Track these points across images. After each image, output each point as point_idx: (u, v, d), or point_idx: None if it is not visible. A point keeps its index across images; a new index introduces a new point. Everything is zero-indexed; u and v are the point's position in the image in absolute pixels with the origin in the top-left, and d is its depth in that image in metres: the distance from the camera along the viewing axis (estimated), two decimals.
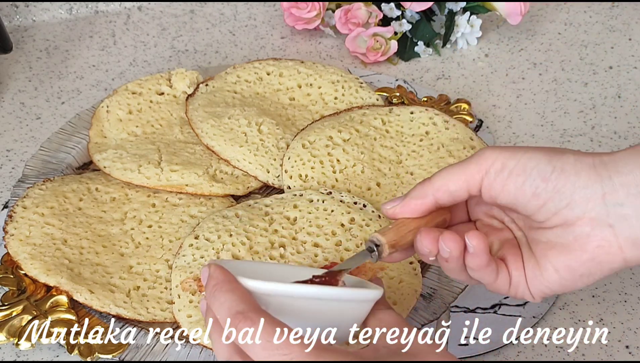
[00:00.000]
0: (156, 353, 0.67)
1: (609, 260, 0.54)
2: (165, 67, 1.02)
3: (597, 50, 1.04)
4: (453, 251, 0.56)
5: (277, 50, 1.05)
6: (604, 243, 0.53)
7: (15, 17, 1.08)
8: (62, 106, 0.95)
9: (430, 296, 0.72)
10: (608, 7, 1.11)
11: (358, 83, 0.91)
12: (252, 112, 0.85)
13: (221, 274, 0.52)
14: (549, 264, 0.55)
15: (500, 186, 0.55)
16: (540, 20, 1.09)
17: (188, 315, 0.68)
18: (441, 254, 0.57)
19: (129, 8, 1.11)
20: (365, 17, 1.01)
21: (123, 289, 0.71)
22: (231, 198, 0.81)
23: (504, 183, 0.55)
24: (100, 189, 0.80)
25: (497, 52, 1.04)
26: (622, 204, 0.53)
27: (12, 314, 0.69)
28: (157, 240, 0.76)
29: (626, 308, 0.72)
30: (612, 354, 0.68)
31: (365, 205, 0.76)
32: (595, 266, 0.54)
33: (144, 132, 0.86)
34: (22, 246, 0.73)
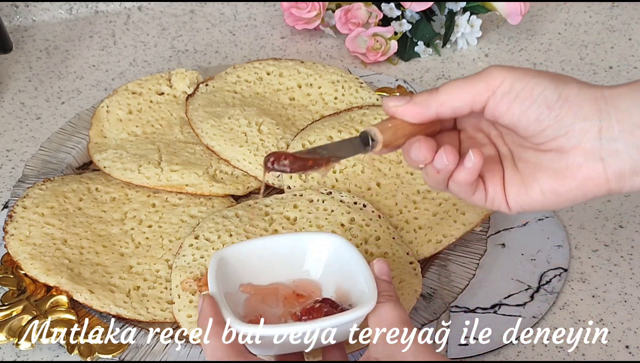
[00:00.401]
0: (156, 353, 0.67)
1: (595, 190, 0.56)
2: (165, 67, 1.02)
3: (597, 50, 1.04)
4: (450, 164, 0.57)
5: (277, 50, 1.05)
6: (594, 174, 0.55)
7: (15, 17, 1.08)
8: (62, 106, 0.95)
9: (430, 296, 0.72)
10: (608, 7, 1.11)
11: (358, 83, 0.91)
12: (252, 112, 0.85)
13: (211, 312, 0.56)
14: (536, 184, 0.57)
15: (505, 108, 0.56)
16: (540, 20, 1.09)
17: (188, 315, 0.68)
18: (435, 165, 0.58)
19: (129, 8, 1.11)
20: (365, 17, 1.01)
21: (123, 289, 0.71)
22: (231, 198, 0.81)
23: (509, 105, 0.55)
24: (100, 189, 0.80)
25: (497, 52, 1.04)
26: (615, 140, 0.54)
27: (12, 314, 0.69)
28: (157, 240, 0.76)
29: (626, 308, 0.72)
30: (612, 354, 0.68)
31: (365, 205, 0.76)
32: (581, 194, 0.56)
33: (144, 132, 0.86)
34: (22, 246, 0.73)
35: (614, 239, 0.78)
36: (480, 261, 0.74)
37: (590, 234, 0.78)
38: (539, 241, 0.77)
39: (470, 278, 0.73)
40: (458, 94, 0.57)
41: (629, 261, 0.76)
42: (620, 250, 0.77)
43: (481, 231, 0.77)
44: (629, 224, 0.79)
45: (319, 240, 0.64)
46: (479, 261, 0.74)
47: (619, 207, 0.81)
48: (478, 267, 0.74)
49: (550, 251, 0.76)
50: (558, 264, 0.75)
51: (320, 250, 0.63)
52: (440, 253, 0.75)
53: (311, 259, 0.64)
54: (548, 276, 0.73)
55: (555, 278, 0.73)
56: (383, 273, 0.60)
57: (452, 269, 0.74)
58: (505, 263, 0.75)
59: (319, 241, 0.64)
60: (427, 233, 0.75)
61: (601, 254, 0.76)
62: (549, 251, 0.76)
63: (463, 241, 0.75)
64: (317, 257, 0.63)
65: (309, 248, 0.64)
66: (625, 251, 0.77)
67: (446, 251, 0.75)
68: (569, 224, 0.79)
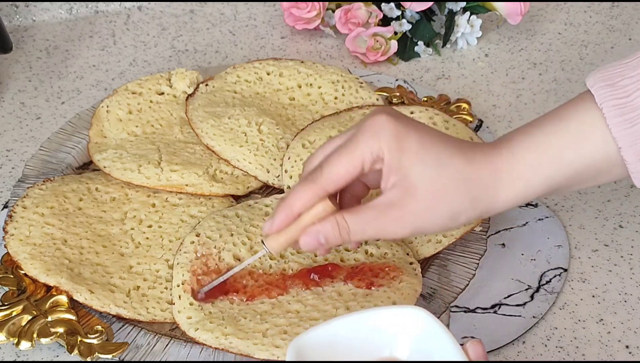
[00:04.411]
0: (156, 353, 0.67)
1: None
2: (165, 67, 1.02)
3: (597, 50, 1.04)
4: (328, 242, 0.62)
5: (277, 50, 1.05)
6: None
7: (15, 17, 1.08)
8: (62, 106, 0.95)
9: (430, 296, 0.72)
10: (608, 7, 1.11)
11: (358, 83, 0.91)
12: (252, 112, 0.85)
13: None
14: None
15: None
16: (540, 20, 1.09)
17: (188, 317, 0.68)
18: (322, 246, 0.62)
19: (129, 8, 1.11)
20: (365, 17, 1.01)
21: (123, 289, 0.71)
22: (231, 198, 0.81)
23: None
24: (100, 189, 0.80)
25: (497, 52, 1.04)
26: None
27: (12, 314, 0.69)
28: (157, 239, 0.76)
29: (626, 308, 0.72)
30: (612, 354, 0.68)
31: None
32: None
33: (144, 132, 0.86)
34: (22, 246, 0.73)
35: (614, 239, 0.78)
36: (480, 261, 0.74)
37: (590, 234, 0.78)
38: (539, 241, 0.77)
39: (470, 278, 0.73)
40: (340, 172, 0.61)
41: (629, 261, 0.76)
42: (620, 250, 0.77)
43: (481, 231, 0.77)
44: (629, 225, 0.79)
45: (406, 316, 0.56)
46: (479, 261, 0.74)
47: (619, 207, 0.81)
48: (478, 267, 0.74)
49: (550, 251, 0.76)
50: (558, 264, 0.75)
51: (407, 326, 0.56)
52: (440, 253, 0.75)
53: (397, 337, 0.56)
54: (548, 276, 0.73)
55: (555, 278, 0.73)
56: (480, 356, 0.54)
57: (452, 269, 0.74)
58: (505, 263, 0.75)
59: (406, 317, 0.56)
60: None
61: (601, 254, 0.76)
62: (549, 251, 0.76)
63: (463, 241, 0.75)
64: (404, 335, 0.56)
65: (395, 325, 0.56)
66: (625, 251, 0.77)
67: (446, 251, 0.75)
68: (569, 224, 0.79)
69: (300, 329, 0.65)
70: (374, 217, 0.60)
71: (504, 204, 0.61)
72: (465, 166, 0.60)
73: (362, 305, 0.67)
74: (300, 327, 0.65)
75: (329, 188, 0.61)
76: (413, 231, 0.61)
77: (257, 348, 0.64)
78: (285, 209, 0.62)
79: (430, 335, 0.54)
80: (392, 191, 0.60)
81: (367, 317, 0.56)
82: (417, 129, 0.60)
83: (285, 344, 0.64)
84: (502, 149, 0.61)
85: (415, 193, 0.60)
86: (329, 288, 0.69)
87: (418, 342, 0.55)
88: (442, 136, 0.61)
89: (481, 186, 0.60)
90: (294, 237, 0.62)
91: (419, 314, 0.55)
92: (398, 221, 0.60)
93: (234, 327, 0.66)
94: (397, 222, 0.60)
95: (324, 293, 0.69)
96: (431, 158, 0.60)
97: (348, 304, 0.67)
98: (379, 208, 0.60)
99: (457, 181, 0.60)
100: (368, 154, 0.60)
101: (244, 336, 0.65)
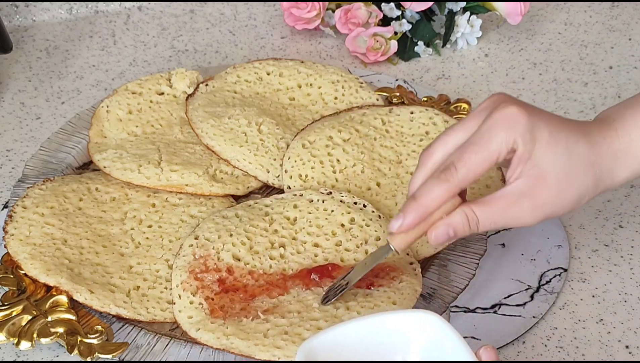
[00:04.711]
0: (156, 353, 0.67)
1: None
2: (165, 67, 1.02)
3: (597, 50, 1.04)
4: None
5: (277, 50, 1.05)
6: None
7: (15, 17, 1.08)
8: (62, 106, 0.95)
9: (430, 296, 0.72)
10: (608, 7, 1.11)
11: (358, 83, 0.91)
12: (252, 112, 0.85)
13: None
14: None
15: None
16: (540, 20, 1.09)
17: (189, 316, 0.68)
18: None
19: (129, 8, 1.11)
20: (365, 17, 1.01)
21: (123, 289, 0.71)
22: (231, 198, 0.81)
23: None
24: (100, 189, 0.80)
25: (497, 52, 1.04)
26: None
27: (12, 314, 0.69)
28: (157, 239, 0.76)
29: (626, 308, 0.72)
30: (612, 354, 0.68)
31: (365, 205, 0.76)
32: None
33: (144, 132, 0.86)
34: (22, 246, 0.73)
35: (614, 239, 0.78)
36: (480, 261, 0.74)
37: (590, 234, 0.78)
38: (539, 241, 0.77)
39: (470, 278, 0.73)
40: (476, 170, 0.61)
41: (629, 261, 0.76)
42: (620, 250, 0.77)
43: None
44: (629, 225, 0.79)
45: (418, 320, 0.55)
46: (479, 261, 0.74)
47: (619, 207, 0.81)
48: (478, 267, 0.74)
49: (550, 251, 0.76)
50: (558, 264, 0.75)
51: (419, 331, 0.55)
52: (440, 253, 0.75)
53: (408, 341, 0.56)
54: (548, 276, 0.73)
55: (555, 278, 0.73)
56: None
57: (452, 269, 0.74)
58: (505, 263, 0.75)
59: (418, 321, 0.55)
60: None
61: (601, 254, 0.76)
62: (549, 251, 0.76)
63: (463, 241, 0.75)
64: (416, 339, 0.56)
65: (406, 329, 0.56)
66: (625, 251, 0.77)
67: (446, 251, 0.75)
68: (569, 224, 0.79)
69: (301, 329, 0.65)
70: (504, 208, 0.61)
71: (620, 182, 0.64)
72: (590, 150, 0.62)
73: (362, 305, 0.67)
74: (300, 327, 0.65)
75: (463, 186, 0.61)
76: (543, 218, 0.62)
77: (258, 349, 0.64)
78: (419, 209, 0.61)
79: (443, 340, 0.54)
80: (520, 180, 0.61)
81: (378, 321, 0.55)
82: (545, 118, 0.61)
83: (286, 345, 0.64)
84: (618, 130, 0.63)
85: (546, 181, 0.61)
86: None
87: (430, 346, 0.55)
88: (565, 122, 0.62)
89: (603, 168, 0.62)
90: (422, 233, 0.62)
91: (431, 318, 0.55)
92: (530, 210, 0.61)
93: (236, 327, 0.66)
94: (529, 211, 0.61)
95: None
96: (561, 146, 0.61)
97: (348, 304, 0.67)
98: (509, 198, 0.61)
99: (584, 166, 0.61)
100: (504, 149, 0.60)
101: (245, 336, 0.65)
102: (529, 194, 0.61)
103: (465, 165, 0.60)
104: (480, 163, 0.60)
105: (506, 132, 0.60)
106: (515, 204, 0.61)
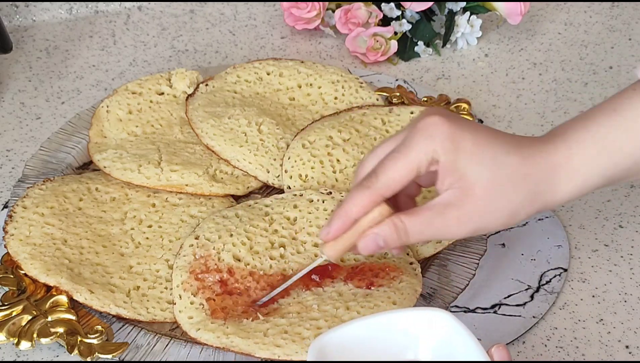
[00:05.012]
0: (156, 353, 0.67)
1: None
2: (165, 67, 1.02)
3: (597, 50, 1.04)
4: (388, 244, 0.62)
5: (277, 50, 1.05)
6: None
7: (15, 17, 1.08)
8: (62, 106, 0.95)
9: (430, 296, 0.72)
10: (608, 7, 1.11)
11: (358, 83, 0.91)
12: (252, 112, 0.85)
13: None
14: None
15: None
16: (540, 20, 1.09)
17: (189, 316, 0.68)
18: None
19: (129, 8, 1.11)
20: (365, 17, 1.01)
21: (123, 289, 0.71)
22: (231, 198, 0.81)
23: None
24: (100, 189, 0.80)
25: (497, 52, 1.04)
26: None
27: (12, 314, 0.69)
28: (157, 239, 0.76)
29: (626, 308, 0.72)
30: (612, 354, 0.68)
31: None
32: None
33: (144, 132, 0.86)
34: (22, 246, 0.73)
35: (614, 239, 0.78)
36: (480, 261, 0.74)
37: (590, 234, 0.78)
38: (539, 241, 0.77)
39: (470, 278, 0.73)
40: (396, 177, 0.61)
41: (629, 261, 0.76)
42: (620, 250, 0.77)
43: None
44: (629, 225, 0.79)
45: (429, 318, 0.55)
46: (479, 261, 0.74)
47: (619, 207, 0.81)
48: (478, 267, 0.74)
49: (550, 251, 0.76)
50: (558, 264, 0.75)
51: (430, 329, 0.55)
52: (440, 253, 0.75)
53: (420, 339, 0.56)
54: (548, 276, 0.73)
55: (555, 278, 0.73)
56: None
57: (452, 269, 0.74)
58: (505, 263, 0.75)
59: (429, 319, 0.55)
60: None
61: (601, 254, 0.76)
62: (549, 251, 0.76)
63: (463, 241, 0.75)
64: (427, 337, 0.55)
65: (418, 327, 0.55)
66: (625, 251, 0.77)
67: (446, 251, 0.75)
68: (569, 224, 0.79)
69: (300, 329, 0.65)
70: (431, 218, 0.61)
71: (562, 199, 0.62)
72: (522, 163, 0.60)
73: (362, 305, 0.67)
74: (300, 326, 0.66)
75: (385, 193, 0.61)
76: (472, 231, 0.61)
77: (258, 347, 0.65)
78: (342, 216, 0.61)
79: (454, 338, 0.54)
80: (448, 192, 0.60)
81: (390, 318, 0.55)
82: (470, 129, 0.60)
83: (286, 343, 0.64)
84: (558, 144, 0.61)
85: (473, 193, 0.60)
86: (329, 288, 0.69)
87: (441, 344, 0.55)
88: (496, 134, 0.61)
89: (539, 182, 0.60)
90: (352, 242, 0.62)
91: (443, 316, 0.55)
92: (457, 221, 0.60)
93: (236, 327, 0.66)
94: (455, 223, 0.60)
95: (324, 294, 0.69)
96: (487, 157, 0.60)
97: (348, 304, 0.67)
98: (436, 209, 0.61)
99: (514, 179, 0.60)
100: (423, 158, 0.60)
101: (245, 335, 0.65)
102: (455, 205, 0.60)
103: (385, 172, 0.60)
104: (400, 170, 0.60)
105: (425, 140, 0.59)
106: (442, 215, 0.60)
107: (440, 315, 0.55)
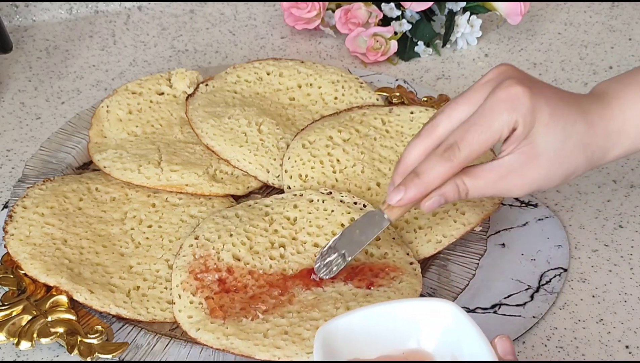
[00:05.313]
0: (156, 353, 0.67)
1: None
2: (165, 67, 1.02)
3: (597, 50, 1.04)
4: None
5: (277, 50, 1.05)
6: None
7: (15, 17, 1.08)
8: (62, 106, 0.95)
9: (430, 297, 0.72)
10: (608, 7, 1.11)
11: (358, 83, 0.91)
12: (252, 112, 0.85)
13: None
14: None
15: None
16: (540, 20, 1.09)
17: (189, 316, 0.68)
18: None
19: (129, 8, 1.11)
20: (365, 17, 1.01)
21: (123, 289, 0.71)
22: (231, 198, 0.81)
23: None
24: (100, 189, 0.80)
25: (497, 52, 1.04)
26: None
27: (12, 314, 0.69)
28: (157, 239, 0.76)
29: (626, 308, 0.72)
30: (612, 354, 0.68)
31: (365, 205, 0.76)
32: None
33: (144, 132, 0.86)
34: (22, 246, 0.73)
35: (614, 239, 0.78)
36: (480, 261, 0.74)
37: (590, 234, 0.78)
38: (539, 241, 0.77)
39: (470, 278, 0.73)
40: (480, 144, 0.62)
41: (629, 261, 0.76)
42: (620, 250, 0.77)
43: (481, 231, 0.77)
44: (629, 225, 0.79)
45: (434, 308, 0.56)
46: (479, 261, 0.74)
47: (619, 207, 0.81)
48: (478, 267, 0.74)
49: (550, 251, 0.76)
50: (558, 264, 0.75)
51: (434, 318, 0.55)
52: (440, 253, 0.75)
53: (424, 328, 0.56)
54: (548, 276, 0.73)
55: (555, 278, 0.73)
56: (508, 352, 0.54)
57: (452, 269, 0.74)
58: (505, 263, 0.75)
59: (434, 308, 0.56)
60: (427, 233, 0.75)
61: (601, 254, 0.76)
62: (549, 251, 0.76)
63: (463, 241, 0.75)
64: (431, 326, 0.56)
65: (422, 317, 0.56)
66: (625, 251, 0.77)
67: (446, 251, 0.75)
68: (569, 224, 0.79)
69: (300, 329, 0.65)
70: (494, 181, 0.63)
71: (610, 160, 0.65)
72: (586, 132, 0.63)
73: (362, 305, 0.67)
74: (301, 327, 0.65)
75: (465, 165, 0.63)
76: (530, 191, 0.64)
77: (258, 349, 0.64)
78: (421, 186, 0.63)
79: (458, 328, 0.54)
80: (514, 155, 0.62)
81: (394, 307, 0.56)
82: (547, 97, 0.62)
83: (286, 344, 0.64)
84: (614, 108, 0.64)
85: (538, 161, 0.62)
86: (329, 288, 0.69)
87: (445, 334, 0.55)
88: (565, 98, 0.63)
89: (597, 148, 0.64)
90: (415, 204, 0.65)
91: (447, 306, 0.55)
92: (518, 184, 0.63)
93: (235, 327, 0.66)
94: (516, 185, 0.63)
95: (324, 294, 0.69)
96: (559, 128, 0.62)
97: (348, 304, 0.67)
98: (499, 172, 0.63)
99: (577, 148, 0.63)
100: (505, 129, 0.61)
101: (245, 336, 0.65)
102: (519, 170, 0.62)
103: (468, 145, 0.61)
104: (483, 142, 0.61)
105: (509, 113, 0.61)
106: (505, 178, 0.63)
107: (444, 305, 0.55)
